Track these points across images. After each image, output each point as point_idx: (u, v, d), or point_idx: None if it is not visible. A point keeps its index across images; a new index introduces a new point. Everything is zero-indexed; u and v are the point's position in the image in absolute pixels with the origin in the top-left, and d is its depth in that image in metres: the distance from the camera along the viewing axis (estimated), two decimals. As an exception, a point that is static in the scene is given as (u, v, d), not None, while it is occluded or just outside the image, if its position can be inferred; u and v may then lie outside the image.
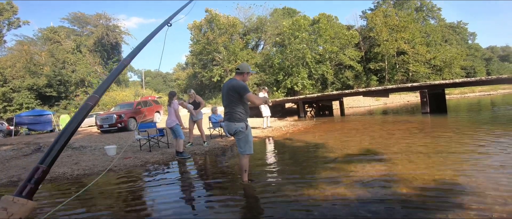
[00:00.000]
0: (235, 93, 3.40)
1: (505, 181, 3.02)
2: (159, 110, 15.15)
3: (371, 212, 2.57)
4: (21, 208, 0.29)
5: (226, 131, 3.68)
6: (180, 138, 5.81)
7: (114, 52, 29.20)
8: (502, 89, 30.46)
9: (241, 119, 3.48)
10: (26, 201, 0.30)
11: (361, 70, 33.09)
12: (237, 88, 3.39)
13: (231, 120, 3.47)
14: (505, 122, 8.24)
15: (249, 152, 3.55)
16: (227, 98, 3.49)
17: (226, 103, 3.53)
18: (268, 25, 34.31)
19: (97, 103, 0.49)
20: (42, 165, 0.34)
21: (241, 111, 3.47)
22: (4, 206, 0.30)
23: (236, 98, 3.41)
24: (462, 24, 45.75)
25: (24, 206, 0.29)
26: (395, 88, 13.79)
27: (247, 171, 3.63)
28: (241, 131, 3.48)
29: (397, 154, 4.73)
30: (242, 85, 3.42)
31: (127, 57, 2.05)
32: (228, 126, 3.54)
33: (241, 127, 3.47)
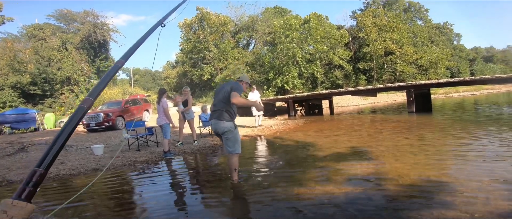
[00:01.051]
0: (228, 94, 3.43)
1: (487, 179, 3.13)
2: (148, 109, 14.94)
3: (358, 210, 2.62)
4: (20, 211, 0.30)
5: (214, 129, 3.67)
6: (164, 138, 5.76)
7: (102, 50, 28.45)
8: (485, 89, 31.51)
9: (230, 119, 3.51)
10: (25, 204, 0.30)
11: (350, 69, 33.55)
12: (233, 86, 3.47)
13: (220, 119, 3.49)
14: (487, 121, 8.53)
15: (238, 151, 3.58)
16: (222, 98, 3.51)
17: (217, 101, 3.56)
18: (259, 24, 34.30)
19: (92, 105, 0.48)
20: (39, 169, 0.34)
21: (231, 111, 3.52)
22: (4, 209, 0.31)
23: (228, 98, 3.44)
24: (448, 25, 46.99)
25: (23, 209, 0.30)
26: (383, 87, 14.06)
27: (236, 170, 3.65)
28: (230, 130, 3.50)
29: (384, 153, 4.84)
30: (239, 87, 3.49)
31: (121, 58, 2.03)
32: (217, 125, 3.53)
33: (230, 126, 3.49)
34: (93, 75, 27.28)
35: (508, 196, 2.63)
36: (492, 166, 3.64)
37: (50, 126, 16.48)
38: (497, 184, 2.98)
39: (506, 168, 3.48)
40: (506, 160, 3.86)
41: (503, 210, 2.35)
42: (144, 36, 2.26)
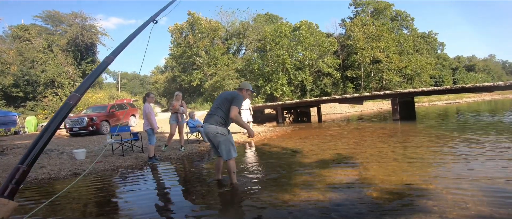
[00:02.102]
0: (229, 103, 3.50)
1: (466, 185, 3.22)
2: (135, 114, 14.69)
3: (341, 216, 2.65)
4: (2, 208, 0.29)
5: (204, 132, 3.69)
6: (149, 144, 5.68)
7: (89, 53, 27.86)
8: (467, 97, 32.66)
9: (223, 124, 3.54)
10: (7, 201, 0.29)
11: (338, 77, 34.11)
12: (235, 97, 3.52)
13: (211, 123, 3.52)
14: (467, 129, 8.83)
15: (233, 156, 3.60)
16: (220, 103, 3.57)
17: (215, 107, 3.60)
18: (250, 31, 34.54)
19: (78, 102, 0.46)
20: (22, 166, 0.33)
21: (225, 117, 3.54)
22: None
23: (228, 107, 3.50)
24: (432, 34, 48.57)
25: (5, 206, 0.29)
26: (369, 95, 14.36)
27: (235, 172, 3.69)
28: (222, 135, 3.52)
29: (368, 160, 4.92)
30: (239, 97, 3.55)
31: (110, 54, 1.98)
32: (208, 129, 3.54)
33: (221, 131, 3.52)
34: (79, 78, 26.65)
35: (486, 202, 2.71)
36: (471, 172, 3.75)
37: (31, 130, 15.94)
38: (476, 190, 3.07)
39: (485, 175, 3.59)
40: (485, 167, 3.98)
41: (480, 215, 2.41)
42: (135, 32, 2.24)
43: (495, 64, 61.96)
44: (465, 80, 43.94)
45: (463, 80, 43.88)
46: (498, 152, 4.90)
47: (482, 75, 51.35)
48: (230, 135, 3.62)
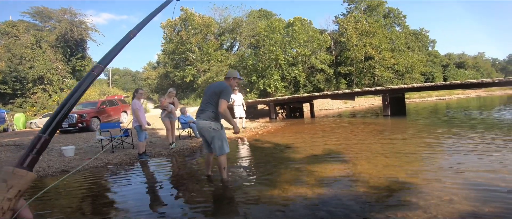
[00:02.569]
0: (217, 96, 3.46)
1: (451, 181, 3.26)
2: (126, 110, 14.54)
3: (329, 212, 2.68)
4: (21, 180, 0.28)
5: (198, 128, 3.66)
6: (139, 140, 5.63)
7: (78, 49, 27.32)
8: (456, 94, 33.25)
9: (216, 119, 3.53)
10: (26, 172, 0.29)
11: (331, 73, 34.31)
12: (223, 90, 3.46)
13: (205, 119, 3.50)
14: (456, 124, 9.01)
15: (225, 151, 3.59)
16: (210, 97, 3.54)
17: (206, 102, 3.57)
18: (244, 27, 34.40)
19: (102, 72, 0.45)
20: (44, 135, 0.33)
21: (216, 111, 3.51)
22: (4, 178, 0.29)
23: (216, 100, 3.47)
24: (424, 31, 49.16)
25: (24, 178, 0.28)
26: (360, 91, 14.51)
27: (226, 168, 3.68)
28: (215, 130, 3.51)
29: (358, 155, 4.98)
30: (228, 89, 3.51)
31: (134, 29, 1.99)
32: (201, 124, 3.53)
33: (215, 126, 3.51)
34: (68, 74, 26.18)
35: (470, 198, 2.74)
36: (457, 167, 3.82)
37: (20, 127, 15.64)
38: (460, 186, 3.11)
39: (471, 170, 3.66)
40: (471, 161, 4.07)
41: (465, 211, 2.43)
42: (158, 9, 2.27)
43: (484, 62, 63.09)
44: (456, 77, 44.68)
45: (453, 77, 44.61)
46: (485, 147, 5.02)
47: (472, 72, 52.28)
48: (223, 130, 3.61)
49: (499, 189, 2.94)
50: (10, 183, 0.27)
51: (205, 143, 3.79)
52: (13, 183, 0.27)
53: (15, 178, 0.27)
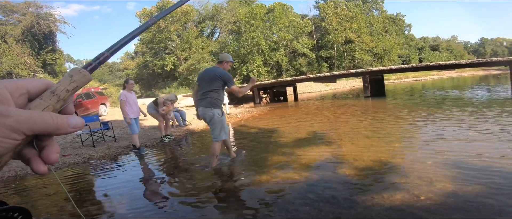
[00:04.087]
0: (220, 81, 3.54)
1: (430, 161, 3.38)
2: (105, 102, 14.00)
3: (317, 194, 2.74)
4: (82, 78, 0.34)
5: (201, 116, 3.69)
6: (133, 134, 5.44)
7: (47, 42, 25.76)
8: (432, 75, 34.69)
9: (218, 106, 3.60)
10: (87, 73, 0.33)
11: (313, 57, 34.63)
12: (224, 77, 3.55)
13: (208, 106, 3.56)
14: (432, 104, 9.43)
15: (224, 137, 3.68)
16: (209, 84, 3.56)
17: (206, 89, 3.58)
18: (224, 13, 33.64)
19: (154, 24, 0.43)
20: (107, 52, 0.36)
21: (220, 98, 3.62)
22: (71, 74, 0.36)
23: (218, 86, 3.55)
24: (400, 16, 50.29)
25: (86, 77, 0.34)
26: (341, 74, 14.76)
27: (217, 156, 3.75)
28: (218, 117, 3.58)
29: (341, 136, 5.11)
30: (229, 76, 3.60)
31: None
32: (204, 112, 3.59)
33: (217, 113, 3.58)
34: (39, 68, 24.74)
35: (449, 177, 2.86)
36: (435, 147, 3.99)
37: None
38: (440, 165, 3.23)
39: (449, 149, 3.83)
40: (448, 141, 4.27)
41: (445, 191, 2.53)
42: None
43: (457, 44, 65.75)
44: (430, 59, 46.41)
45: (428, 59, 46.30)
46: (462, 126, 5.29)
47: (445, 54, 54.41)
48: (223, 117, 3.69)
49: (476, 168, 3.08)
50: (74, 78, 0.29)
51: None
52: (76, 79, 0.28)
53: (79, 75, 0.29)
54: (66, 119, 0.33)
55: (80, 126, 0.35)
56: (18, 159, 0.34)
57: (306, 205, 2.58)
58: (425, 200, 2.40)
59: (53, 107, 0.34)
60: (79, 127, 0.35)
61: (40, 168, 0.34)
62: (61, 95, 0.34)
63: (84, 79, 0.38)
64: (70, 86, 0.35)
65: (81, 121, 0.35)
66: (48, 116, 0.32)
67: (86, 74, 0.38)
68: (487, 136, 4.33)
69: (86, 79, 0.38)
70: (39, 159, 0.34)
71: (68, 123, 0.33)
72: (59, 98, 0.34)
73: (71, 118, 0.34)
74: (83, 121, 0.35)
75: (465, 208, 2.25)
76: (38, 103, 0.33)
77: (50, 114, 0.32)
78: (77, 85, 0.37)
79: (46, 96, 0.34)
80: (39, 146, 0.34)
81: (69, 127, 0.33)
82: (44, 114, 0.32)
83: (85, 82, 0.38)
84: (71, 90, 0.35)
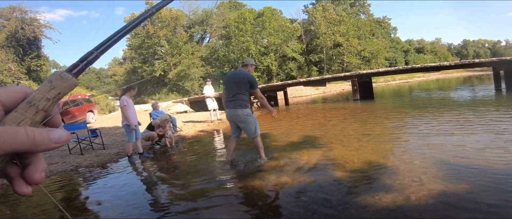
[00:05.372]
0: (247, 84, 3.80)
1: (420, 162, 3.43)
2: (93, 109, 13.71)
3: (310, 197, 2.76)
4: (64, 83, 0.29)
5: (230, 117, 3.95)
6: (129, 141, 5.20)
7: (32, 48, 25.09)
8: (417, 77, 35.56)
9: (246, 106, 3.87)
10: (71, 77, 0.28)
11: (303, 61, 34.97)
12: (250, 80, 3.83)
13: (237, 107, 3.80)
14: (420, 105, 9.65)
15: (258, 133, 3.96)
16: (237, 87, 3.81)
17: (235, 91, 3.82)
18: (214, 18, 33.67)
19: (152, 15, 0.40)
20: (96, 51, 0.31)
21: (247, 99, 3.89)
22: (51, 79, 0.31)
23: (246, 88, 3.81)
24: (386, 19, 51.53)
25: (68, 81, 0.29)
26: (331, 77, 14.98)
27: (262, 148, 4.04)
28: (248, 115, 3.83)
29: (332, 139, 5.17)
30: (255, 79, 3.91)
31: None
32: (235, 113, 3.82)
33: (247, 112, 3.83)
34: (23, 75, 24.06)
35: (438, 177, 2.91)
36: (423, 147, 4.08)
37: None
38: (428, 165, 3.29)
39: (436, 149, 3.91)
40: (435, 142, 4.35)
41: (435, 191, 2.57)
42: None
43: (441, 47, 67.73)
44: (416, 61, 47.52)
45: (414, 61, 47.41)
46: (448, 126, 5.43)
47: (430, 56, 55.90)
48: (253, 115, 3.95)
49: (463, 167, 3.16)
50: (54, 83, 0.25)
51: (234, 129, 4.07)
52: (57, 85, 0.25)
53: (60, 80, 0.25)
54: (46, 134, 0.29)
55: (64, 141, 0.31)
56: (1, 177, 0.30)
57: (299, 208, 2.59)
58: (415, 200, 2.45)
59: (30, 120, 0.29)
60: (64, 142, 0.31)
61: (22, 190, 0.30)
62: (39, 105, 0.30)
63: (66, 84, 0.33)
64: (50, 94, 0.31)
65: (66, 134, 0.31)
66: (22, 132, 0.28)
67: (69, 79, 0.33)
68: (473, 135, 4.46)
69: (70, 84, 0.33)
70: (21, 180, 0.30)
71: (50, 138, 0.29)
72: (37, 109, 0.30)
73: (54, 132, 0.30)
74: (68, 134, 0.31)
75: (454, 207, 2.30)
76: (13, 117, 0.29)
77: (25, 129, 0.28)
78: (59, 92, 0.32)
79: (22, 108, 0.30)
80: (22, 163, 0.30)
81: (51, 143, 0.29)
82: (17, 130, 0.28)
83: (68, 87, 0.32)
84: (52, 98, 0.31)
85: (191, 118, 11.55)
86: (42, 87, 0.31)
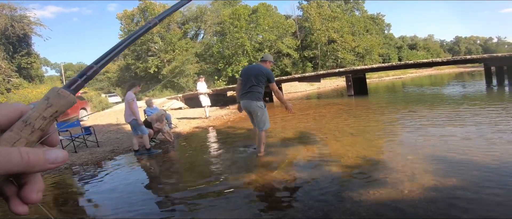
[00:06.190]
0: (265, 78, 3.96)
1: (411, 157, 3.49)
2: (86, 107, 13.54)
3: (306, 192, 2.79)
4: (61, 101, 0.28)
5: (244, 108, 4.11)
6: (143, 134, 5.22)
7: (22, 45, 24.60)
8: (410, 73, 35.92)
9: (261, 99, 4.01)
10: (68, 94, 0.27)
11: (297, 57, 35.02)
12: (268, 74, 4.00)
13: (252, 99, 3.95)
14: (413, 101, 9.78)
15: (267, 127, 4.09)
16: (255, 79, 3.94)
17: (252, 83, 3.95)
18: (208, 15, 33.41)
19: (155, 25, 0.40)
20: (95, 65, 0.30)
21: (261, 92, 4.01)
22: (48, 96, 0.30)
23: (263, 82, 3.96)
24: (380, 16, 51.78)
25: (65, 98, 0.28)
26: (325, 73, 15.04)
27: (264, 143, 4.12)
28: (261, 108, 3.95)
29: (327, 135, 5.21)
30: (272, 73, 4.08)
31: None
32: (249, 104, 3.97)
33: (260, 105, 3.96)
34: (14, 73, 23.62)
35: (430, 171, 2.97)
36: (415, 142, 4.15)
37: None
38: (420, 160, 3.36)
39: (428, 144, 3.98)
40: (427, 136, 4.44)
41: (427, 185, 2.63)
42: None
43: (434, 43, 68.43)
44: (409, 58, 47.96)
45: (407, 58, 47.83)
46: (440, 122, 5.53)
47: (423, 52, 56.46)
48: (265, 109, 4.06)
49: (454, 161, 3.23)
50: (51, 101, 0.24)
51: (252, 120, 4.22)
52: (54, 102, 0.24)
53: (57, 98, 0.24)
54: (42, 154, 0.28)
55: (61, 161, 0.30)
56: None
57: (296, 203, 2.62)
58: (408, 194, 2.50)
59: (26, 140, 0.29)
60: (60, 162, 0.30)
61: (18, 209, 0.29)
62: (35, 124, 0.29)
63: (64, 102, 0.32)
64: (47, 112, 0.30)
65: (62, 155, 0.30)
66: (16, 153, 0.27)
67: (67, 95, 0.32)
68: (465, 130, 4.55)
69: (67, 101, 0.32)
70: (17, 199, 0.29)
71: (46, 158, 0.28)
72: (33, 128, 0.29)
73: (50, 153, 0.29)
74: (65, 154, 0.30)
75: (446, 201, 2.36)
76: (8, 137, 0.28)
77: (18, 150, 0.27)
78: (56, 109, 0.31)
79: (17, 127, 0.29)
80: (19, 182, 0.29)
81: (47, 163, 0.28)
82: (11, 151, 0.27)
83: (66, 105, 0.32)
84: (48, 117, 0.30)
85: (186, 114, 11.50)
86: (39, 105, 0.31)
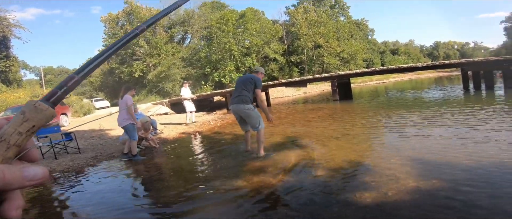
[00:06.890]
0: (252, 83, 4.18)
1: (395, 159, 3.59)
2: (66, 112, 13.09)
3: (294, 197, 2.81)
4: (39, 115, 0.27)
5: (235, 112, 4.28)
6: (132, 139, 5.09)
7: (1, 48, 23.68)
8: (392, 78, 37.06)
9: (249, 102, 4.17)
10: (47, 107, 0.26)
11: (284, 62, 35.37)
12: (256, 80, 4.22)
13: (240, 103, 4.13)
14: (395, 105, 10.07)
15: (263, 126, 4.23)
16: (244, 85, 4.18)
17: (241, 89, 4.17)
18: (196, 19, 33.25)
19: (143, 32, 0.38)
20: (77, 75, 0.27)
21: (250, 97, 4.19)
22: (24, 110, 0.29)
23: (251, 87, 4.17)
24: (364, 21, 53.25)
25: (43, 112, 0.26)
26: (311, 78, 15.28)
27: (263, 143, 4.28)
28: (251, 109, 4.12)
29: (313, 139, 5.27)
30: (260, 81, 4.30)
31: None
32: (238, 107, 4.16)
33: (249, 107, 4.13)
34: (-8, 75, 22.60)
35: (412, 173, 3.05)
36: (399, 146, 4.27)
37: None
38: (403, 162, 3.45)
39: (410, 147, 4.11)
40: (409, 140, 4.57)
41: (410, 187, 2.71)
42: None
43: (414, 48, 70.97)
44: (391, 63, 49.52)
45: (389, 63, 49.31)
46: (422, 125, 5.72)
47: (404, 58, 58.40)
48: (256, 110, 4.22)
49: (437, 164, 3.34)
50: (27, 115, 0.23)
51: (241, 124, 4.41)
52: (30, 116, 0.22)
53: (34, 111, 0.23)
54: (19, 172, 0.27)
55: (40, 178, 0.28)
56: None
57: (284, 207, 2.63)
58: (392, 197, 2.56)
59: (1, 156, 0.27)
60: (40, 179, 0.28)
61: None
62: (11, 140, 0.28)
63: (42, 116, 0.30)
64: (23, 127, 0.28)
65: (41, 172, 0.28)
66: None
67: (45, 109, 0.30)
68: (445, 133, 4.73)
69: (45, 115, 0.31)
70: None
71: (23, 176, 0.27)
72: (9, 144, 0.28)
73: (29, 170, 0.28)
74: (45, 171, 0.29)
75: (429, 203, 2.43)
76: None
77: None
78: (33, 124, 0.29)
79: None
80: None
81: (25, 181, 0.27)
82: None
83: (44, 119, 0.31)
84: (25, 132, 0.28)
85: (172, 120, 11.33)
86: (14, 120, 0.29)
